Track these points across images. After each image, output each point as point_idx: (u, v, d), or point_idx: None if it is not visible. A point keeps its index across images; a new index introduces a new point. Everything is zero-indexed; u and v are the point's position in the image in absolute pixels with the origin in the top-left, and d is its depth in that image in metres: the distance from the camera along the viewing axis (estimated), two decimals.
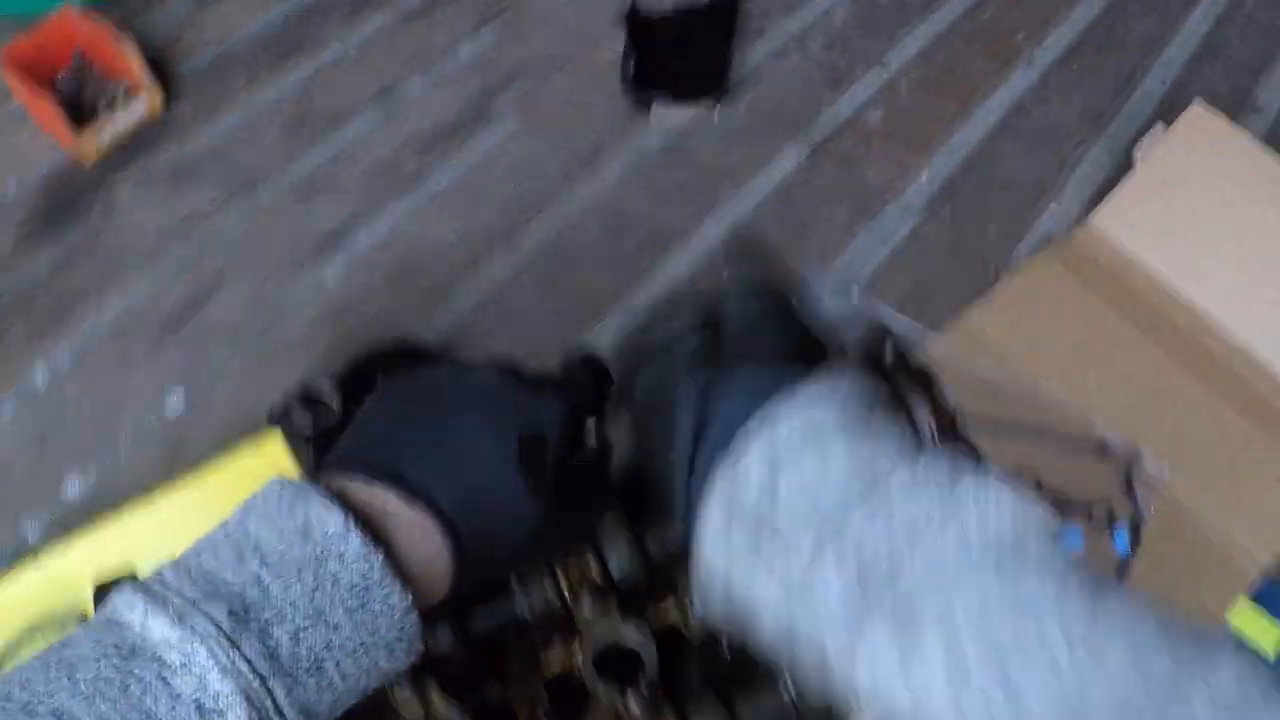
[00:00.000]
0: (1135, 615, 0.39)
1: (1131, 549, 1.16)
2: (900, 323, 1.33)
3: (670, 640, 0.68)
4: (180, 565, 0.43)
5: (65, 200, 1.57)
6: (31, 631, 1.17)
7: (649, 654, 0.64)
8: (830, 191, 1.47)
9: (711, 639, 0.67)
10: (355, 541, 0.43)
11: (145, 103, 1.59)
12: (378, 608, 0.44)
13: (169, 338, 1.43)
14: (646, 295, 1.39)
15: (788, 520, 0.44)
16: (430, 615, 0.48)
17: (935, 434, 0.80)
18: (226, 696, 0.38)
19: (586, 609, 0.64)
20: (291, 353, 1.39)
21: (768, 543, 0.45)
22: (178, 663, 0.39)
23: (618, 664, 0.64)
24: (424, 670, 0.62)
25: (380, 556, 0.44)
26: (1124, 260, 1.38)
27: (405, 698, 0.63)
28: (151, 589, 0.41)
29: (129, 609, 0.41)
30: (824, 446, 0.45)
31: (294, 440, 1.22)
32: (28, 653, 1.16)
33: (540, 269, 1.43)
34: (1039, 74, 1.57)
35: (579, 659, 0.65)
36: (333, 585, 0.43)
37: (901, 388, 0.78)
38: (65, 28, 1.59)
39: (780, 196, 1.47)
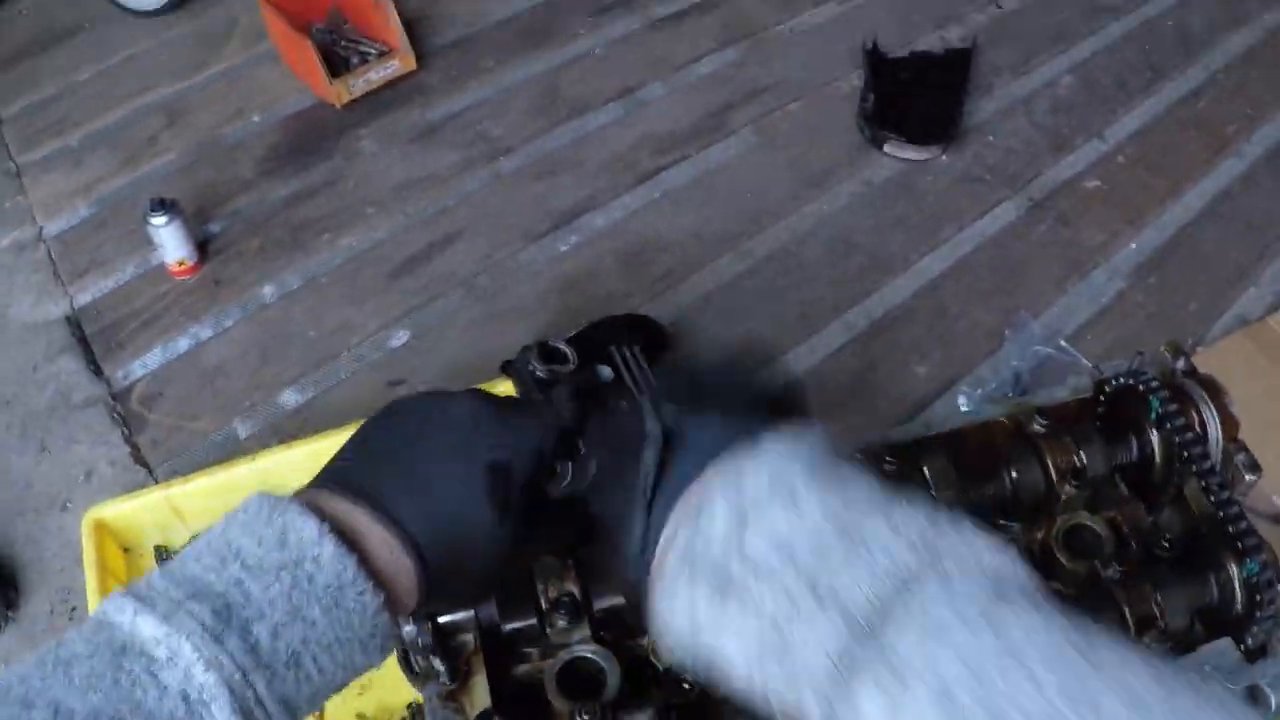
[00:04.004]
0: (1128, 667, 0.39)
1: None
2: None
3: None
4: (166, 571, 0.45)
5: (310, 140, 1.60)
6: None
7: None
8: (1044, 246, 1.54)
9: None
10: (329, 545, 0.46)
11: (398, 64, 1.65)
12: (351, 605, 0.46)
13: (401, 280, 1.45)
14: (863, 316, 1.44)
15: (758, 573, 0.43)
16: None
17: (1220, 440, 0.85)
18: (211, 688, 0.41)
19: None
20: (520, 313, 1.41)
21: (736, 597, 0.44)
22: (164, 657, 0.42)
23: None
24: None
25: (354, 558, 0.46)
26: None
27: None
28: (140, 592, 0.44)
29: (119, 611, 0.43)
30: (793, 497, 0.45)
31: (525, 383, 1.26)
32: None
33: (765, 276, 1.47)
34: (1248, 165, 1.65)
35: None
36: (309, 584, 0.45)
37: (1193, 394, 0.84)
38: None
39: (997, 243, 1.53)
